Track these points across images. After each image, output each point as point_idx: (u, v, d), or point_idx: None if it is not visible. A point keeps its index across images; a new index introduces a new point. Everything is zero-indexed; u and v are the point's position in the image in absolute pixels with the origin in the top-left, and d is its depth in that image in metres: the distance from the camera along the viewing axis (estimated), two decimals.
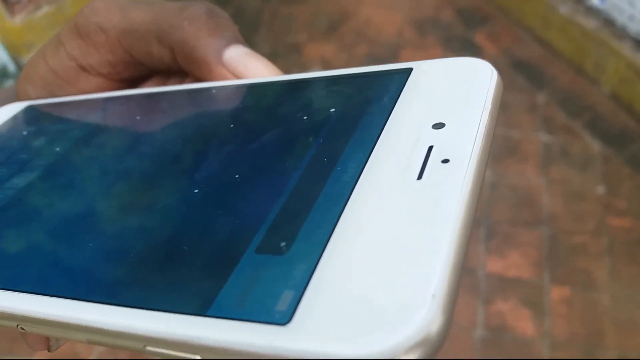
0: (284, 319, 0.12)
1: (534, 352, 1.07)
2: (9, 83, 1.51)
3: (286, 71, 0.24)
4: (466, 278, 1.15)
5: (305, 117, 0.20)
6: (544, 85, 1.41)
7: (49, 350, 0.21)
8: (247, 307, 0.13)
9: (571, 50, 1.41)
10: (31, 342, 0.21)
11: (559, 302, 1.12)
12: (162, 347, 0.14)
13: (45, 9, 1.50)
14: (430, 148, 0.16)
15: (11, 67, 1.51)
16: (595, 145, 1.30)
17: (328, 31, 1.58)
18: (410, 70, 0.20)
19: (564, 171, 1.27)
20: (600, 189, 1.24)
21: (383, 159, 0.16)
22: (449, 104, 0.18)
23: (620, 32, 1.32)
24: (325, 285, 0.13)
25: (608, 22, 1.34)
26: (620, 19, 1.31)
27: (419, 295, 0.12)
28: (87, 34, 0.25)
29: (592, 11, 1.36)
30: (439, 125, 0.17)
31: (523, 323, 1.10)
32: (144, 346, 0.14)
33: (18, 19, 1.49)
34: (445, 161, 0.15)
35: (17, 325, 0.17)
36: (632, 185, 1.24)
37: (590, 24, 1.35)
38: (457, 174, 0.15)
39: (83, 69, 0.26)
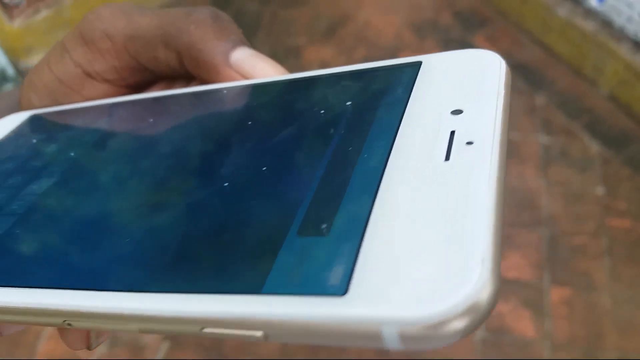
0: (340, 291, 0.13)
1: (534, 353, 1.07)
2: (7, 87, 1.51)
3: None
4: None
5: (322, 111, 0.20)
6: (543, 87, 1.41)
7: (89, 349, 0.21)
8: (299, 284, 0.14)
9: (570, 52, 1.42)
10: (71, 341, 0.21)
11: (559, 303, 1.11)
12: (222, 327, 0.15)
13: (44, 13, 1.51)
14: (453, 132, 0.17)
15: (10, 70, 1.51)
16: (594, 147, 1.30)
17: (327, 34, 1.58)
18: (420, 63, 0.21)
19: (563, 172, 1.27)
20: (600, 190, 1.24)
21: (407, 145, 0.17)
22: (463, 92, 0.18)
23: (619, 34, 1.32)
24: (374, 258, 0.14)
25: (606, 24, 1.34)
26: (619, 20, 1.31)
27: (469, 261, 0.13)
28: (93, 41, 0.25)
29: (590, 13, 1.36)
30: (457, 112, 0.17)
31: (523, 324, 1.10)
32: (201, 329, 0.15)
33: (17, 23, 1.49)
34: (470, 143, 0.16)
35: (64, 321, 0.17)
36: (631, 186, 1.24)
37: (588, 26, 1.35)
38: (484, 152, 0.16)
39: (88, 75, 0.26)
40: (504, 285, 1.14)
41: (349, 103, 0.20)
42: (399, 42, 1.54)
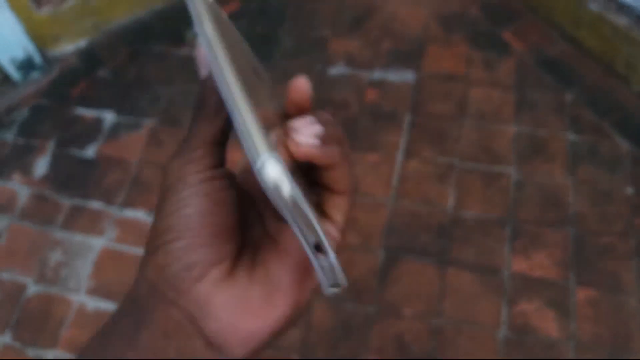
0: None
1: (558, 353, 1.05)
2: (34, 74, 1.53)
3: (310, 67, 0.25)
4: (490, 278, 1.14)
5: None
6: (572, 84, 1.38)
7: None
8: None
9: (601, 48, 1.39)
10: None
11: (584, 303, 1.10)
12: None
13: (71, 2, 1.51)
14: None
15: (37, 58, 1.52)
16: (624, 145, 1.28)
17: (353, 26, 1.57)
18: None
19: (591, 171, 1.25)
20: (629, 190, 1.21)
21: None
22: None
23: None
24: None
25: None
26: None
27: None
28: None
29: (623, 8, 1.33)
30: None
31: (548, 324, 1.08)
32: None
33: (44, 11, 1.50)
34: None
35: None
36: None
37: (621, 21, 1.32)
38: None
39: None
40: (529, 284, 1.12)
41: None
42: (425, 35, 1.52)
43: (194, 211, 0.24)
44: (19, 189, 1.38)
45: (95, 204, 1.33)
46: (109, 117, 1.48)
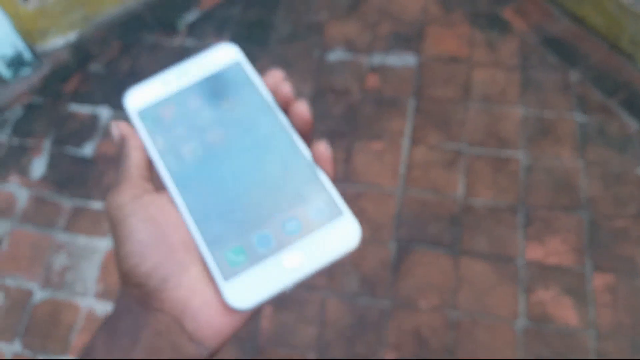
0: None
1: (578, 342, 1.05)
2: (25, 71, 1.48)
3: (307, 52, 0.24)
4: (505, 267, 1.13)
5: None
6: (577, 63, 1.36)
7: None
8: None
9: (605, 25, 1.36)
10: None
11: (602, 289, 1.09)
12: None
13: None
14: None
15: (27, 54, 1.47)
16: (633, 124, 1.26)
17: (350, 9, 1.53)
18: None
19: (601, 152, 1.23)
20: None
21: None
22: None
23: None
24: None
25: None
26: None
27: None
28: None
29: None
30: None
31: (566, 312, 1.08)
32: None
33: (31, 5, 1.45)
34: None
35: None
36: None
37: None
38: None
39: None
40: (545, 272, 1.11)
41: None
42: (425, 16, 1.49)
43: (145, 235, 0.28)
44: (17, 192, 1.34)
45: (97, 204, 1.30)
46: (104, 112, 1.44)
